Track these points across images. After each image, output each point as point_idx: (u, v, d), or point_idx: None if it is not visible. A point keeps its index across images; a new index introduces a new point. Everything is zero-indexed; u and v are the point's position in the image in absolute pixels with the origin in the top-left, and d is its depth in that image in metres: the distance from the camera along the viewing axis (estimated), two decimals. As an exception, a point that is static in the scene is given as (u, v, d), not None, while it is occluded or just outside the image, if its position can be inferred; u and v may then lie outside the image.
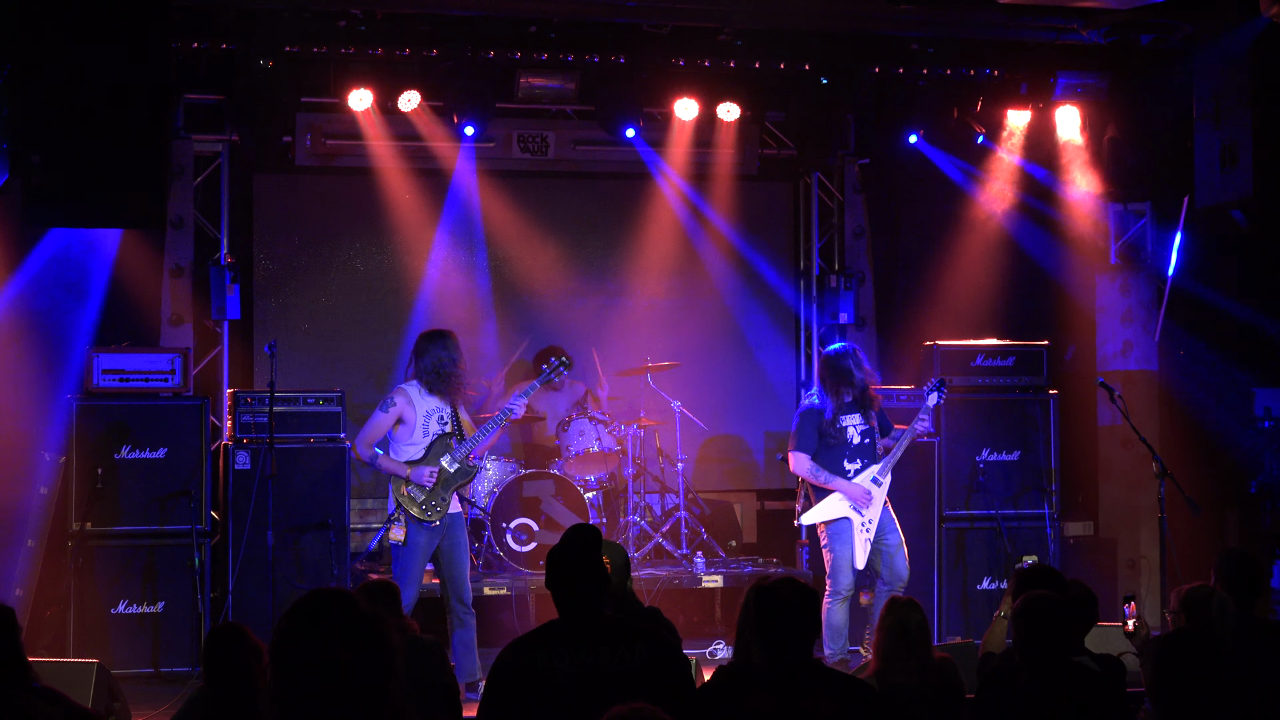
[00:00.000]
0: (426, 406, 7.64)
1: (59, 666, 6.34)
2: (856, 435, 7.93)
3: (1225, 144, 8.98)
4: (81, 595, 8.44)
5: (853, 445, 7.91)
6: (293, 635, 2.89)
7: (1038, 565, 5.80)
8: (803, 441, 7.91)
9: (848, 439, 7.90)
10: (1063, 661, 4.56)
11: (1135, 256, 10.55)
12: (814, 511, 7.91)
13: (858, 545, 7.82)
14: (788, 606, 4.06)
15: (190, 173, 10.00)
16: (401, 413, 7.63)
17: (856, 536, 7.82)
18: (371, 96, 9.83)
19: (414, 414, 7.62)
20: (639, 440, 10.04)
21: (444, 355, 7.64)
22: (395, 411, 7.63)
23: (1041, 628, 4.55)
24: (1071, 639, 4.70)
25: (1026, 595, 4.67)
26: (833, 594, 7.80)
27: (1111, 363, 10.55)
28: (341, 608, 2.91)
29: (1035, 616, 4.57)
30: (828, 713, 3.96)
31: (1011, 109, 10.37)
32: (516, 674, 4.20)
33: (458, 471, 7.61)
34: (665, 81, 10.09)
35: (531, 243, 10.91)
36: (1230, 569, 5.63)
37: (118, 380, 8.69)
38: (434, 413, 7.65)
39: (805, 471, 7.89)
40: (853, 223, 11.25)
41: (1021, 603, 4.64)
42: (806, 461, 7.87)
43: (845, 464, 7.89)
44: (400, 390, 7.67)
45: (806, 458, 7.88)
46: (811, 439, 7.89)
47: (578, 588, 4.29)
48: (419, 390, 7.65)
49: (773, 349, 11.45)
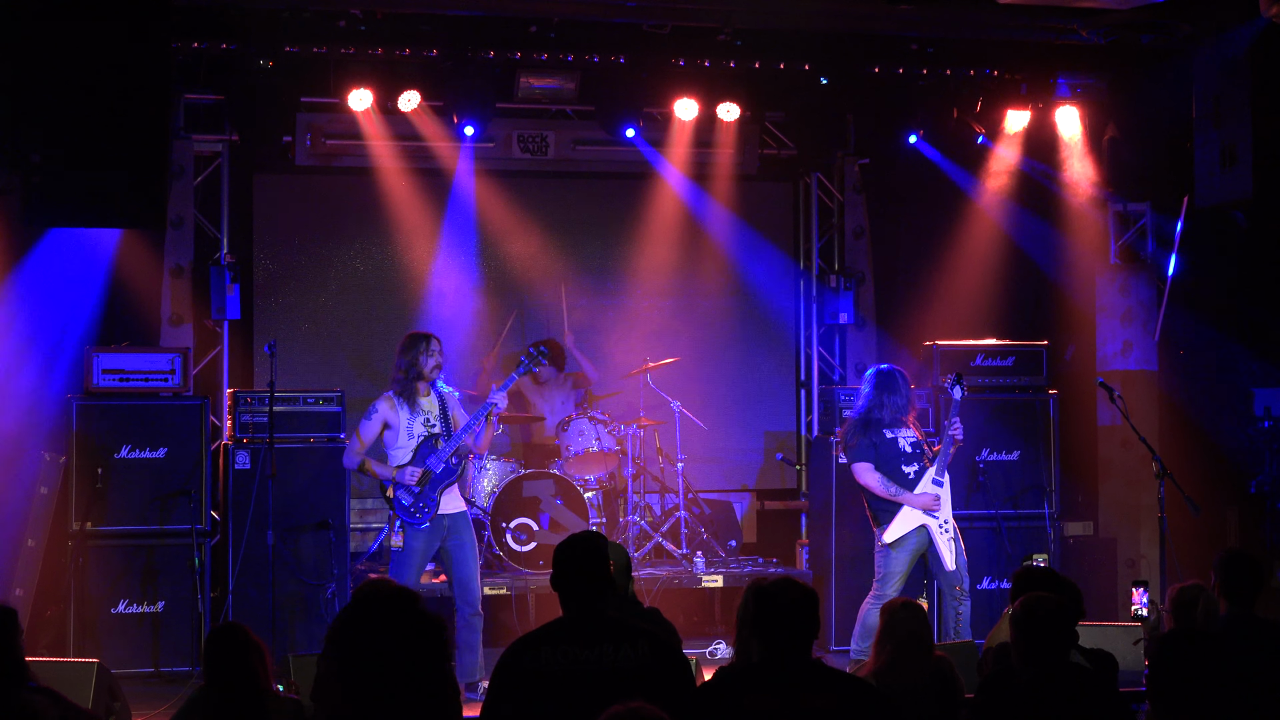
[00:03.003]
0: (410, 409, 7.66)
1: (59, 666, 6.34)
2: (907, 446, 7.91)
3: (1225, 144, 8.98)
4: (82, 595, 8.45)
5: (905, 453, 7.89)
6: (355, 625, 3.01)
7: (1034, 567, 5.79)
8: (863, 452, 7.86)
9: (900, 449, 7.89)
10: (1062, 662, 4.54)
11: (1135, 256, 10.55)
12: (895, 527, 7.82)
13: (942, 546, 7.78)
14: (786, 606, 4.06)
15: (190, 173, 10.01)
16: (385, 418, 7.66)
17: (939, 538, 7.78)
18: (371, 96, 9.83)
19: (398, 418, 7.65)
20: (639, 440, 10.04)
21: (404, 361, 7.65)
22: (379, 418, 7.66)
23: (1041, 630, 4.53)
24: (1071, 640, 4.70)
25: (1025, 597, 4.66)
26: (876, 597, 7.77)
27: (1111, 363, 10.55)
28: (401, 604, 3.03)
29: (1035, 618, 4.55)
30: (829, 712, 3.96)
31: (1011, 109, 10.37)
32: (519, 672, 4.24)
33: (443, 471, 7.62)
34: (665, 81, 10.09)
35: (531, 243, 10.91)
36: (1230, 569, 5.63)
37: (118, 380, 8.69)
38: (419, 415, 7.67)
39: (875, 485, 7.80)
40: (853, 223, 11.25)
41: (1021, 604, 4.63)
42: (875, 475, 7.80)
43: (903, 467, 7.84)
44: (384, 397, 7.71)
45: (871, 468, 7.81)
46: (869, 450, 7.88)
47: (582, 588, 4.36)
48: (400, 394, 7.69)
49: (773, 349, 11.45)
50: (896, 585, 7.83)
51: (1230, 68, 8.97)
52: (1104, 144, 10.42)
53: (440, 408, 7.71)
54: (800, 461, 11.19)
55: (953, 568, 7.78)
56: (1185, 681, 3.83)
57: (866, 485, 7.83)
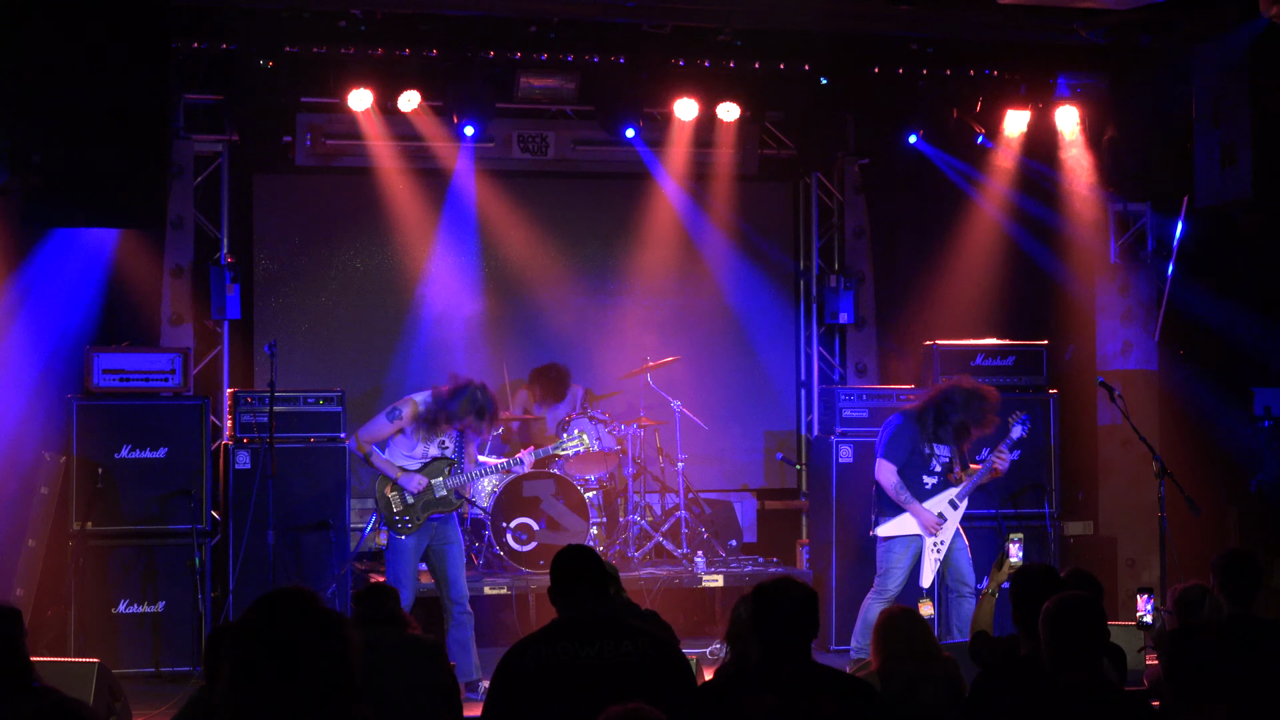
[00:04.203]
0: (429, 430, 7.70)
1: (60, 666, 6.35)
2: (939, 464, 7.98)
3: (1225, 144, 8.98)
4: (82, 595, 8.44)
5: (933, 469, 7.96)
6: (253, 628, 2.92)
7: (1034, 565, 5.79)
8: (895, 451, 7.92)
9: (931, 465, 7.96)
10: (1096, 666, 4.29)
11: (1135, 256, 10.56)
12: (890, 525, 7.92)
13: (926, 564, 7.87)
14: (786, 607, 4.07)
15: (190, 173, 10.00)
16: (405, 425, 7.69)
17: (926, 556, 7.88)
18: (371, 96, 9.82)
19: (416, 430, 7.71)
20: (639, 440, 10.05)
21: (456, 407, 7.60)
22: (399, 423, 7.72)
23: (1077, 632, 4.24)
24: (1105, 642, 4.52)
25: (1059, 598, 4.36)
26: (876, 593, 7.86)
27: (1111, 362, 10.55)
28: (300, 603, 2.95)
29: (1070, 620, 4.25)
30: (829, 712, 3.96)
31: (1011, 109, 10.37)
32: (521, 671, 4.27)
33: (443, 499, 7.67)
34: (665, 81, 10.09)
35: (531, 243, 10.90)
36: (1229, 569, 5.62)
37: (118, 380, 8.69)
38: (435, 439, 7.73)
39: (890, 484, 7.88)
40: (853, 223, 11.25)
41: (1053, 604, 4.33)
42: (893, 475, 7.88)
43: (924, 477, 7.92)
44: (410, 402, 7.71)
45: (894, 470, 7.89)
46: (903, 451, 7.91)
47: (581, 592, 4.42)
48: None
49: (773, 349, 11.45)
50: (898, 581, 7.85)
51: (1230, 68, 8.97)
52: (1104, 144, 10.41)
53: (459, 438, 7.81)
54: (800, 461, 11.19)
55: (927, 584, 7.87)
56: (1202, 673, 3.79)
57: (882, 482, 7.90)
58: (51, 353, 9.18)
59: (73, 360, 9.04)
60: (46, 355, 9.17)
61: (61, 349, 9.19)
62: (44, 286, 9.19)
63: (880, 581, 7.89)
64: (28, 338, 9.14)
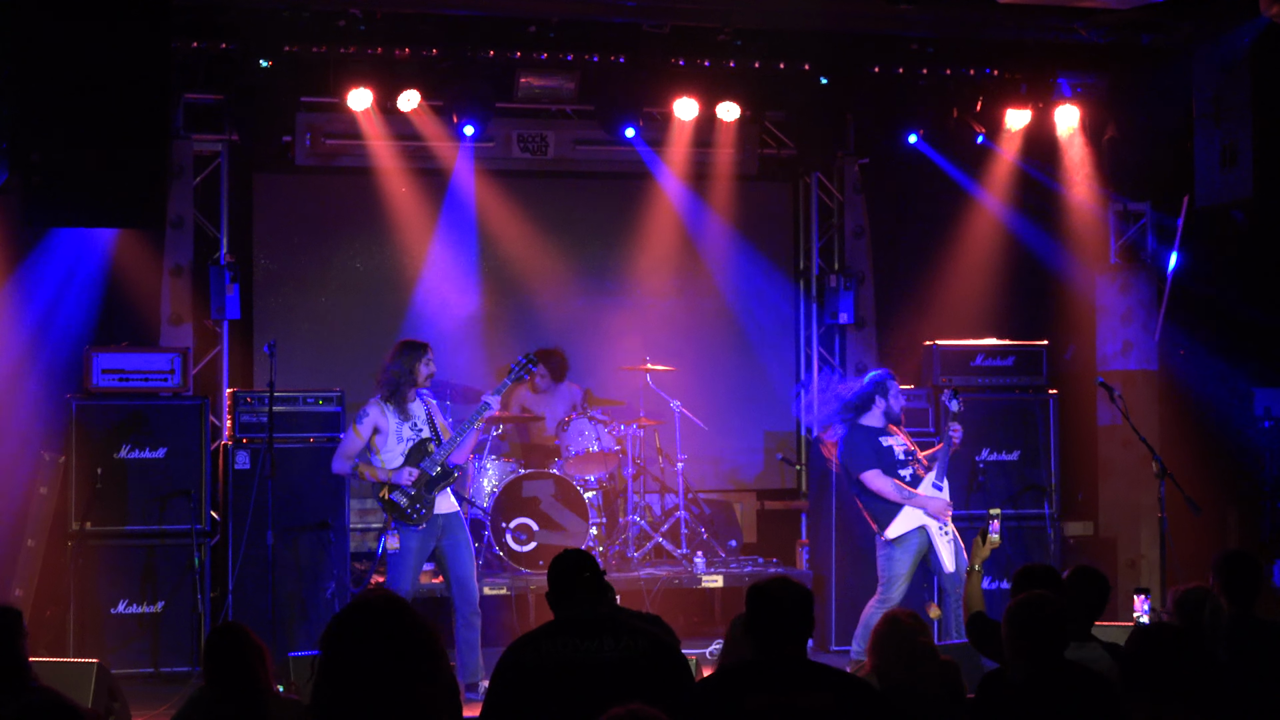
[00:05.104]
0: (400, 415, 7.68)
1: (59, 666, 6.35)
2: (900, 453, 8.00)
3: (1225, 144, 8.98)
4: (81, 595, 8.45)
5: (900, 459, 7.98)
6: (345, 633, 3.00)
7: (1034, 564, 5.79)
8: (866, 459, 7.93)
9: (895, 456, 7.97)
10: (1056, 661, 4.45)
11: (1135, 256, 10.55)
12: (897, 524, 7.88)
13: (942, 548, 7.83)
14: (780, 604, 4.07)
15: (190, 173, 9.99)
16: (376, 423, 7.70)
17: (938, 540, 7.84)
18: (371, 96, 9.82)
19: (387, 423, 7.70)
20: (639, 440, 10.04)
21: (399, 367, 7.68)
22: (369, 423, 7.70)
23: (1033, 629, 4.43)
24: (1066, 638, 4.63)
25: (1020, 596, 4.58)
26: (881, 600, 7.81)
27: (1111, 362, 10.54)
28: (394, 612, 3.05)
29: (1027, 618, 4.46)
30: (826, 711, 3.96)
31: (1011, 109, 10.37)
32: (521, 668, 4.29)
33: (439, 474, 7.67)
34: (665, 81, 10.09)
35: (531, 242, 10.90)
36: (1230, 569, 5.62)
37: (117, 380, 8.68)
38: (407, 421, 7.70)
39: (889, 490, 7.87)
40: (853, 223, 11.24)
41: (1014, 604, 4.54)
42: (887, 480, 7.88)
43: (900, 471, 7.93)
44: (373, 402, 7.75)
45: (880, 474, 7.89)
46: (872, 457, 7.93)
47: (581, 592, 4.44)
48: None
49: (773, 349, 11.44)
50: (901, 588, 7.84)
51: (1230, 68, 8.97)
52: (1104, 143, 10.42)
53: (426, 414, 7.78)
54: (800, 461, 11.18)
55: (952, 569, 7.80)
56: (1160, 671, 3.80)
57: (879, 491, 7.88)
58: (51, 352, 9.18)
59: (72, 360, 9.04)
60: (46, 355, 9.17)
61: (61, 349, 9.19)
62: (44, 286, 9.19)
63: (884, 590, 7.88)
64: (27, 337, 9.14)
